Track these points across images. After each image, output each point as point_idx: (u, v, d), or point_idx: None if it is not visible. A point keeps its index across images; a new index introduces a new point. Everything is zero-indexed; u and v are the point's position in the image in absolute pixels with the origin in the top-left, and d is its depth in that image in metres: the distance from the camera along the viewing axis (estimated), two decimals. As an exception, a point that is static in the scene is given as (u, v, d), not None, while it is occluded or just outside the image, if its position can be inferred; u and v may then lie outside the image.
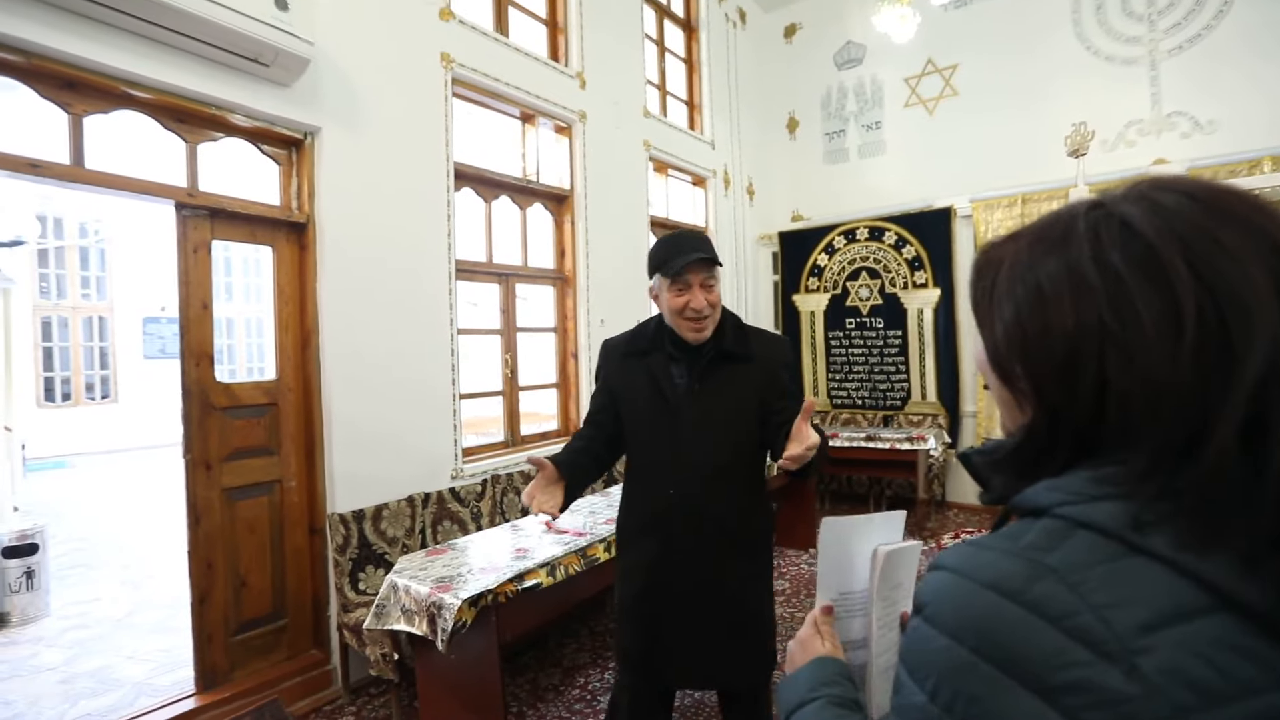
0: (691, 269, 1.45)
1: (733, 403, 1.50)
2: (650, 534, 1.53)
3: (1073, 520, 0.42)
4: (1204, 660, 0.36)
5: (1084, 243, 0.45)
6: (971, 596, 0.42)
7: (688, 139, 5.25)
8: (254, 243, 2.77)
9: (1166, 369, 0.40)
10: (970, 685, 0.40)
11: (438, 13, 3.25)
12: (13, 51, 2.02)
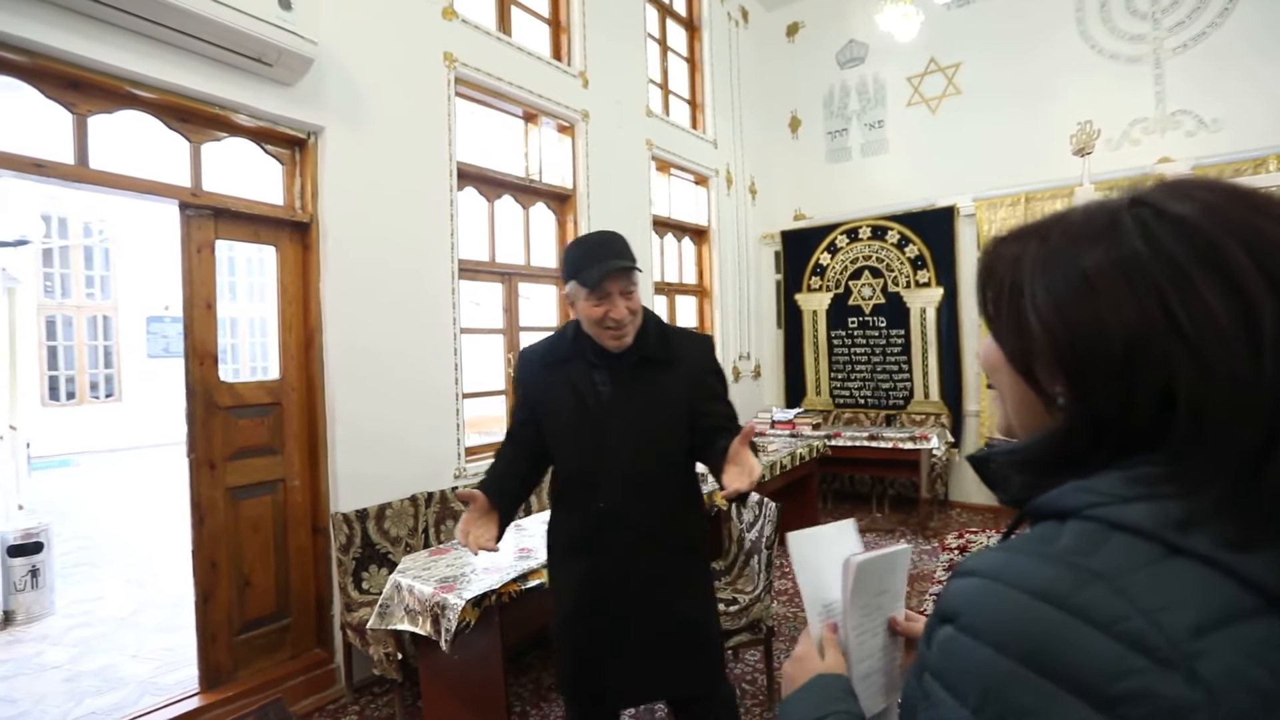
0: (611, 278, 1.37)
1: (658, 408, 1.45)
2: (580, 551, 1.47)
3: (1107, 522, 0.41)
4: (1258, 661, 0.35)
5: (1135, 236, 0.43)
6: (1014, 603, 0.40)
7: (690, 138, 5.25)
8: (257, 242, 2.77)
9: (1248, 365, 0.38)
10: (1021, 698, 0.38)
11: (440, 12, 3.25)
12: (17, 51, 2.02)
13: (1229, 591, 0.37)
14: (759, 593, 2.39)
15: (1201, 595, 0.37)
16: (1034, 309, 0.47)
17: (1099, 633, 0.36)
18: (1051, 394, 0.47)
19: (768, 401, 6.10)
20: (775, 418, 5.03)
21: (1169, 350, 0.40)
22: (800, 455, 3.99)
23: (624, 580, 1.43)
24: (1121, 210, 0.46)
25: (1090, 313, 0.43)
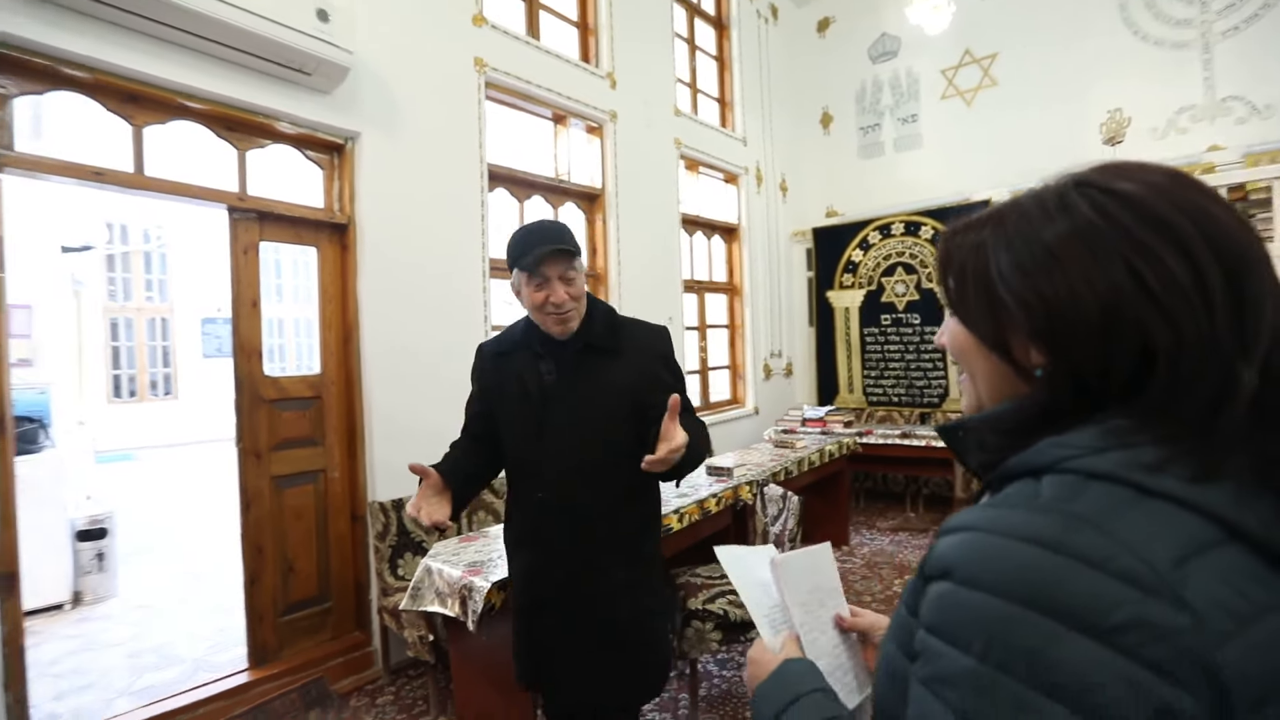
0: (549, 262, 1.35)
1: (601, 398, 1.41)
2: (526, 544, 1.46)
3: (1084, 473, 0.43)
4: (1228, 585, 0.39)
5: (1087, 209, 0.47)
6: (1010, 551, 0.42)
7: (719, 136, 5.26)
8: (299, 243, 2.91)
9: (1207, 325, 0.42)
10: (1025, 639, 0.39)
11: (471, 19, 3.36)
12: (80, 69, 2.18)
13: (1196, 525, 0.40)
14: (781, 585, 2.39)
15: (1175, 531, 0.40)
16: (1006, 288, 0.49)
17: (1094, 571, 0.39)
18: (1028, 366, 0.49)
19: (799, 400, 6.06)
20: (806, 415, 5.00)
21: (1142, 315, 0.43)
22: (830, 452, 3.96)
23: (565, 575, 1.40)
24: (1067, 190, 0.49)
25: (1063, 284, 0.46)
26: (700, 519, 2.70)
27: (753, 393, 5.57)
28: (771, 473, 3.32)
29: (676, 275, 4.73)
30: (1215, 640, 0.37)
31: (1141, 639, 0.37)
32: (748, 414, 5.48)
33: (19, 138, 2.14)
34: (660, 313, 4.53)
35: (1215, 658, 0.37)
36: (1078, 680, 0.38)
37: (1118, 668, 0.37)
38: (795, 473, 3.54)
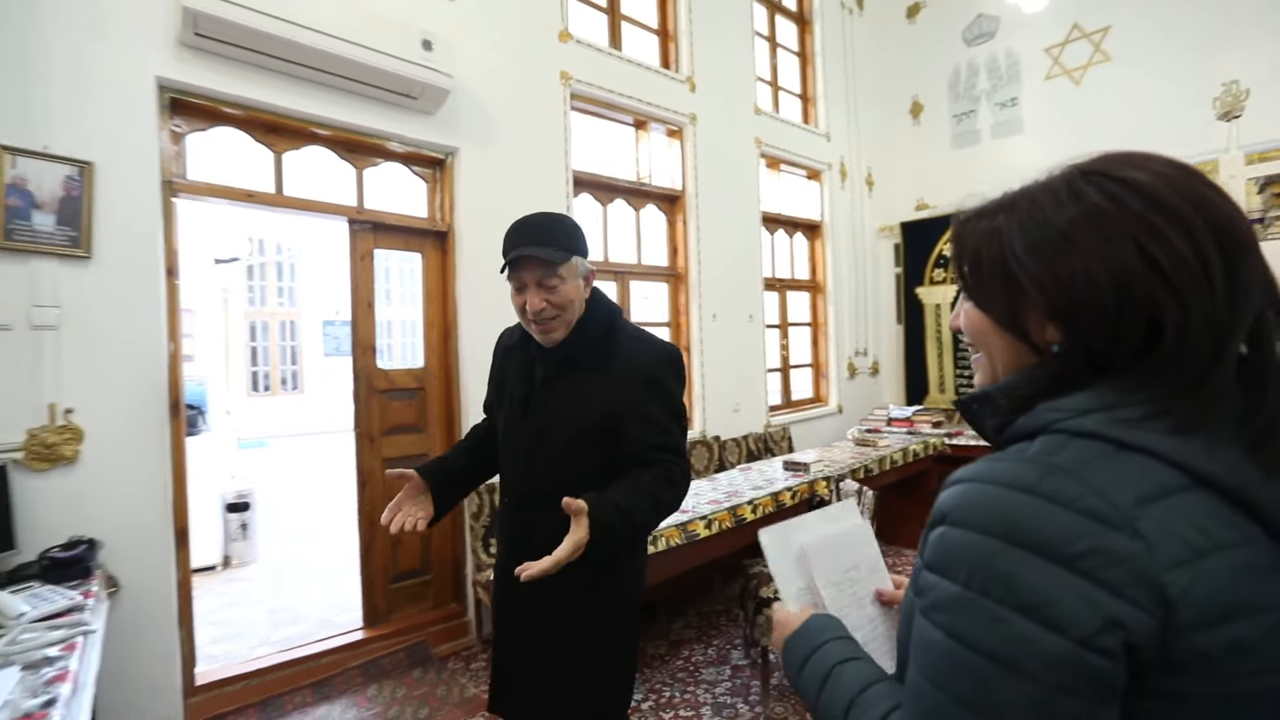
0: (525, 267, 1.24)
1: (572, 414, 1.27)
2: (501, 548, 1.40)
3: (1069, 432, 0.49)
4: (1187, 523, 0.45)
5: (1096, 195, 0.51)
6: (995, 495, 0.48)
7: (801, 133, 5.23)
8: (407, 250, 3.24)
9: (1210, 301, 0.47)
10: (1001, 567, 0.46)
11: (557, 35, 3.57)
12: (235, 107, 2.57)
13: (1164, 474, 0.46)
14: (853, 579, 2.41)
15: (1142, 477, 0.46)
16: (1023, 272, 0.53)
17: (1063, 509, 0.45)
18: (1044, 343, 0.54)
19: (886, 399, 5.89)
20: (892, 415, 4.88)
21: (1154, 292, 0.48)
22: (914, 452, 3.86)
23: (519, 591, 1.17)
24: (1075, 178, 0.54)
25: (1079, 265, 0.50)
26: (774, 511, 2.75)
27: (836, 391, 5.48)
28: (850, 469, 3.30)
29: (757, 273, 4.75)
30: (1166, 565, 0.43)
31: (1099, 564, 0.43)
32: (830, 412, 5.40)
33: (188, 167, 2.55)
34: (741, 311, 4.58)
35: (1163, 580, 0.43)
36: (1042, 597, 0.44)
37: (1076, 587, 0.44)
38: (876, 471, 3.49)
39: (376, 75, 2.70)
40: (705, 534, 2.53)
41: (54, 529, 2.04)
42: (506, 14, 3.35)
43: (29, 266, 2.08)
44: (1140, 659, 0.44)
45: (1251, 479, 0.46)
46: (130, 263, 2.28)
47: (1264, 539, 0.46)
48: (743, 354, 4.59)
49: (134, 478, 2.26)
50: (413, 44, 2.74)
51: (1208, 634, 0.43)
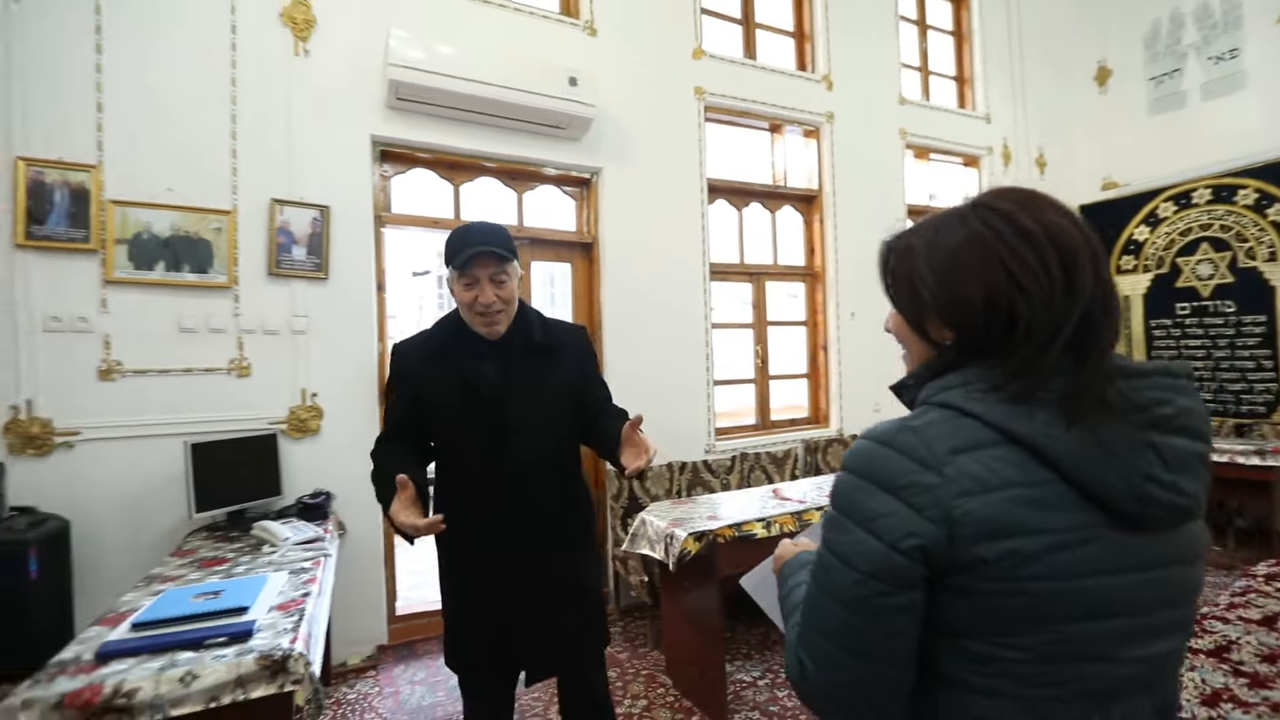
0: (479, 262, 1.39)
1: (550, 394, 1.50)
2: (487, 537, 1.46)
3: (934, 403, 0.67)
4: (984, 466, 0.60)
5: (978, 224, 0.67)
6: (866, 446, 0.67)
7: (954, 119, 4.93)
8: (558, 260, 3.68)
9: (1051, 296, 0.62)
10: (855, 494, 0.65)
11: (691, 53, 3.81)
12: (425, 151, 3.16)
13: (982, 432, 0.62)
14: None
15: (964, 435, 0.62)
16: (924, 287, 0.70)
17: (899, 455, 0.63)
18: (939, 341, 0.71)
19: (1062, 402, 5.31)
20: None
21: (1012, 299, 0.64)
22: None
23: (531, 557, 1.46)
24: (968, 210, 0.70)
25: (961, 286, 0.67)
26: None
27: (996, 392, 5.07)
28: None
29: (900, 269, 4.59)
30: (955, 495, 0.59)
31: (912, 493, 0.61)
32: (990, 415, 5.02)
33: (391, 203, 3.20)
34: (883, 308, 4.46)
35: (951, 505, 0.59)
36: (873, 514, 0.62)
37: (894, 508, 0.61)
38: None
39: (531, 113, 3.15)
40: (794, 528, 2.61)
41: (304, 482, 2.73)
42: (643, 42, 3.66)
43: (289, 287, 2.79)
44: (934, 561, 0.60)
45: (1052, 436, 0.59)
46: (352, 281, 2.93)
47: (1058, 482, 0.59)
48: (885, 352, 4.47)
49: (355, 446, 2.90)
50: (560, 82, 3.15)
51: (984, 545, 0.58)
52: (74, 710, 1.17)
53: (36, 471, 2.34)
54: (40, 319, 2.38)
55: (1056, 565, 0.58)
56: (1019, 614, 0.59)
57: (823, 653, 0.65)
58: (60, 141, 2.42)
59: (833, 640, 0.64)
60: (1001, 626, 0.60)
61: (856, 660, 0.63)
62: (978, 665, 0.61)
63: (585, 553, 1.60)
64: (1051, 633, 0.59)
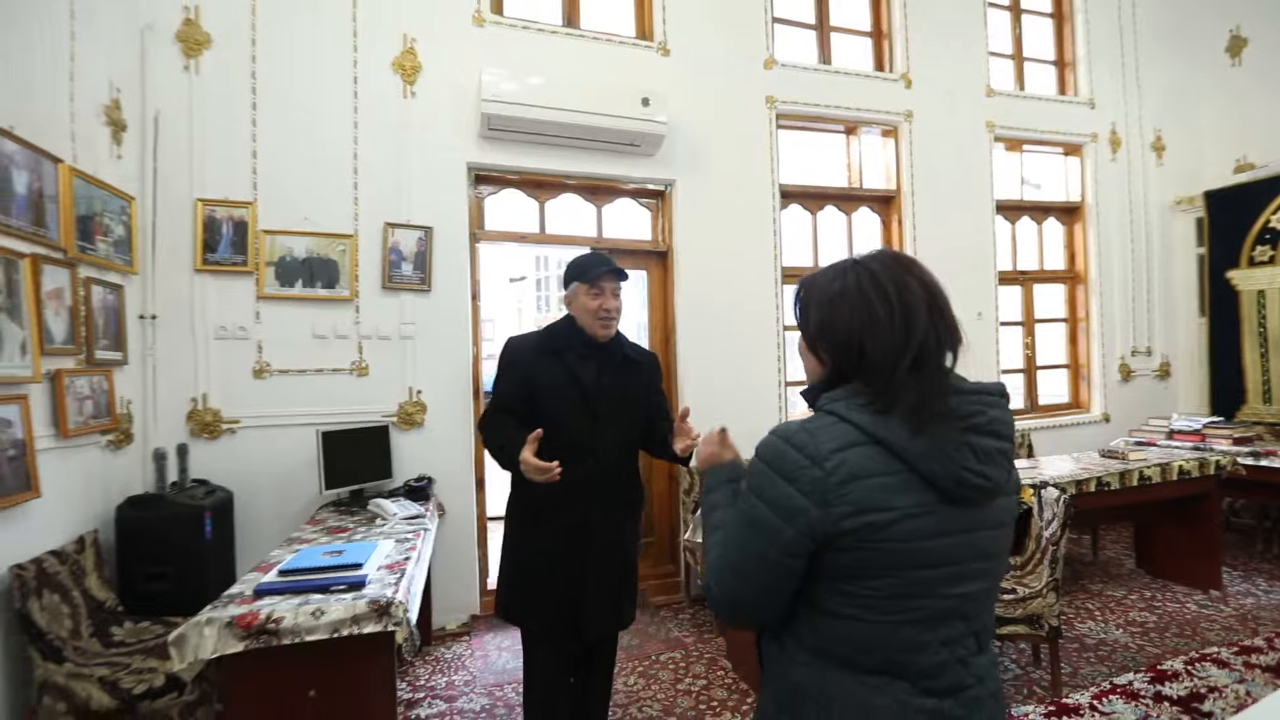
0: (607, 277, 1.82)
1: (632, 395, 1.88)
2: (570, 505, 1.76)
3: (825, 410, 0.85)
4: (858, 459, 0.79)
5: (851, 278, 0.87)
6: (772, 442, 0.84)
7: (1052, 106, 4.68)
8: (635, 268, 3.92)
9: (891, 340, 0.81)
10: (762, 480, 0.83)
11: (762, 64, 3.92)
12: (514, 173, 3.51)
13: (855, 435, 0.80)
14: (1042, 589, 2.33)
15: (842, 437, 0.80)
16: (811, 318, 0.92)
17: (795, 450, 0.81)
18: (824, 362, 0.91)
19: (1181, 408, 4.88)
20: (1175, 426, 4.09)
21: (864, 338, 0.83)
22: (1184, 470, 3.28)
23: (605, 528, 1.81)
24: (848, 266, 0.89)
25: (834, 323, 0.87)
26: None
27: (1101, 397, 4.75)
28: (1075, 481, 3.02)
29: (988, 268, 4.44)
30: (833, 484, 0.78)
31: (802, 481, 0.79)
32: (1093, 420, 4.71)
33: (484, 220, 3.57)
34: (966, 309, 4.33)
35: (829, 490, 0.78)
36: (773, 496, 0.81)
37: (789, 492, 0.80)
38: (1114, 486, 3.10)
39: (608, 134, 3.41)
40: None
41: (410, 468, 3.15)
42: (714, 57, 3.82)
43: (399, 299, 3.22)
44: (816, 531, 0.79)
45: (902, 438, 0.78)
46: (451, 292, 3.33)
47: (907, 472, 0.79)
48: (971, 354, 4.32)
49: (453, 439, 3.30)
50: (634, 103, 3.39)
51: (851, 519, 0.78)
52: (240, 629, 1.54)
53: (209, 451, 2.90)
54: (212, 329, 2.94)
55: (903, 532, 0.78)
56: (876, 564, 0.79)
57: (731, 587, 0.86)
58: (226, 183, 2.97)
59: (741, 578, 0.86)
60: (864, 573, 0.79)
61: (756, 595, 0.85)
62: (847, 600, 0.81)
63: (636, 531, 1.98)
64: (897, 577, 0.79)
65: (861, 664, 0.81)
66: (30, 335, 2.00)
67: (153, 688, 1.92)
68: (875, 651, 0.81)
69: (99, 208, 2.44)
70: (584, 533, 1.79)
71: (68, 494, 2.23)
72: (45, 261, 2.10)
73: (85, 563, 2.23)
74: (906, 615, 0.80)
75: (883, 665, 0.81)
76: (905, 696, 0.80)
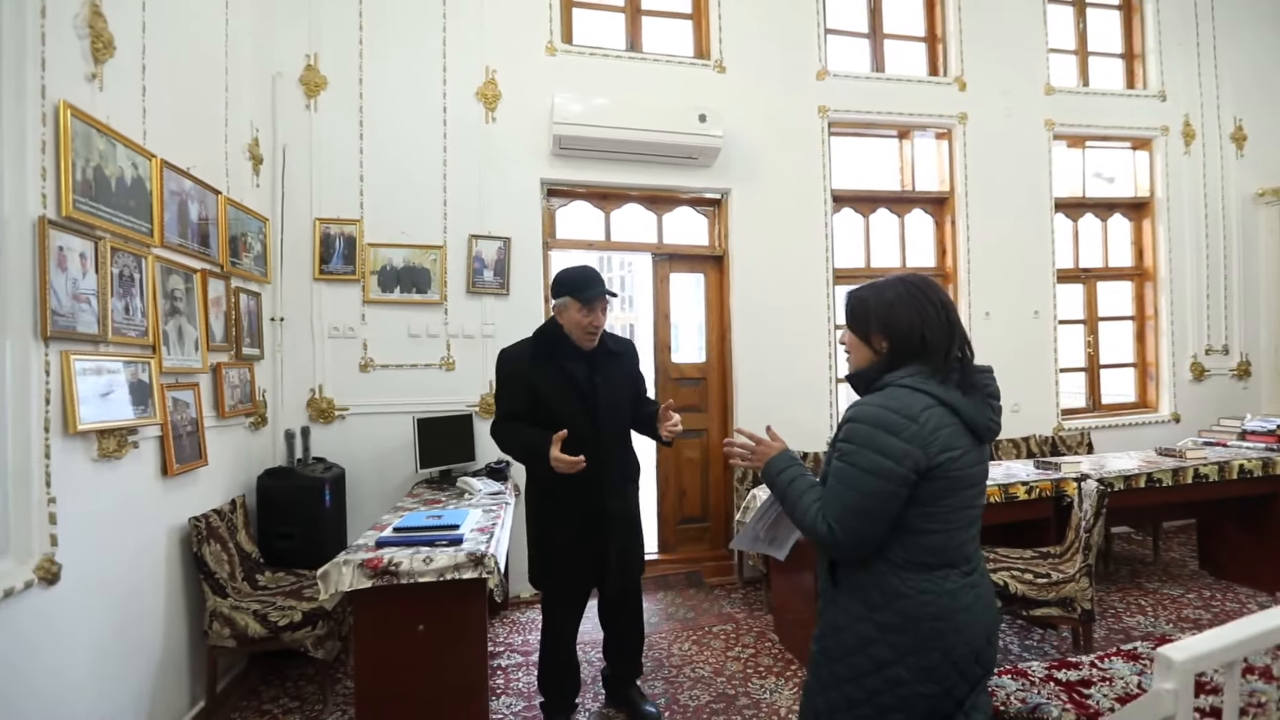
0: (600, 299, 2.09)
1: (621, 385, 2.20)
2: (585, 489, 2.07)
3: (896, 385, 1.14)
4: (936, 416, 1.13)
5: (903, 289, 1.19)
6: (871, 411, 1.15)
7: (1118, 101, 4.61)
8: (693, 272, 4.20)
9: (942, 332, 1.13)
10: (868, 438, 1.14)
11: (815, 75, 4.10)
12: (581, 186, 3.85)
13: (929, 401, 1.13)
14: (1075, 574, 2.45)
15: (923, 401, 1.11)
16: (875, 317, 1.20)
17: (894, 414, 1.14)
18: (878, 350, 1.19)
19: (1266, 408, 4.70)
20: (1248, 427, 3.99)
21: (924, 330, 1.14)
22: (1245, 469, 3.25)
23: (615, 499, 2.16)
24: (895, 281, 1.19)
25: (897, 318, 1.17)
26: (1002, 501, 2.87)
27: (1169, 396, 4.65)
28: (1125, 477, 3.07)
29: (1046, 266, 4.44)
30: (929, 433, 1.11)
31: (906, 434, 1.13)
32: (1161, 420, 4.62)
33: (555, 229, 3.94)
34: (1023, 307, 4.38)
35: (927, 439, 1.11)
36: (884, 447, 1.13)
37: (897, 443, 1.12)
38: (1166, 483, 3.13)
39: (667, 148, 3.71)
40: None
41: (490, 453, 3.54)
42: (768, 72, 4.04)
43: (481, 302, 3.63)
44: (920, 466, 1.12)
45: (958, 399, 1.15)
46: (526, 295, 3.71)
47: (960, 424, 1.15)
48: (1026, 352, 4.37)
49: (528, 427, 3.68)
50: (691, 119, 3.67)
51: (941, 456, 1.13)
52: (368, 569, 1.94)
53: (326, 434, 3.39)
54: (327, 329, 3.43)
55: (965, 462, 1.16)
56: (949, 488, 1.15)
57: (852, 524, 1.15)
58: (338, 204, 3.46)
59: (856, 515, 1.15)
60: (943, 495, 1.15)
61: (873, 525, 1.15)
62: (929, 519, 1.15)
63: (637, 494, 2.35)
64: (959, 496, 1.16)
65: (933, 564, 1.16)
66: (200, 335, 2.49)
67: (293, 621, 2.37)
68: (943, 552, 1.16)
69: (243, 229, 2.94)
70: (601, 511, 2.12)
71: (225, 464, 2.73)
72: (209, 275, 2.59)
73: (237, 521, 2.73)
74: (960, 522, 1.17)
75: (946, 561, 1.17)
76: (959, 579, 1.17)
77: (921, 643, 1.15)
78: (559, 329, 2.14)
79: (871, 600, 1.19)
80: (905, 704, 1.16)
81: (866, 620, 1.19)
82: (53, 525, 1.69)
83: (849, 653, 1.21)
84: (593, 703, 2.50)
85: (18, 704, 1.56)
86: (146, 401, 2.09)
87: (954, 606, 1.15)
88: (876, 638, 1.18)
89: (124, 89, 2.07)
